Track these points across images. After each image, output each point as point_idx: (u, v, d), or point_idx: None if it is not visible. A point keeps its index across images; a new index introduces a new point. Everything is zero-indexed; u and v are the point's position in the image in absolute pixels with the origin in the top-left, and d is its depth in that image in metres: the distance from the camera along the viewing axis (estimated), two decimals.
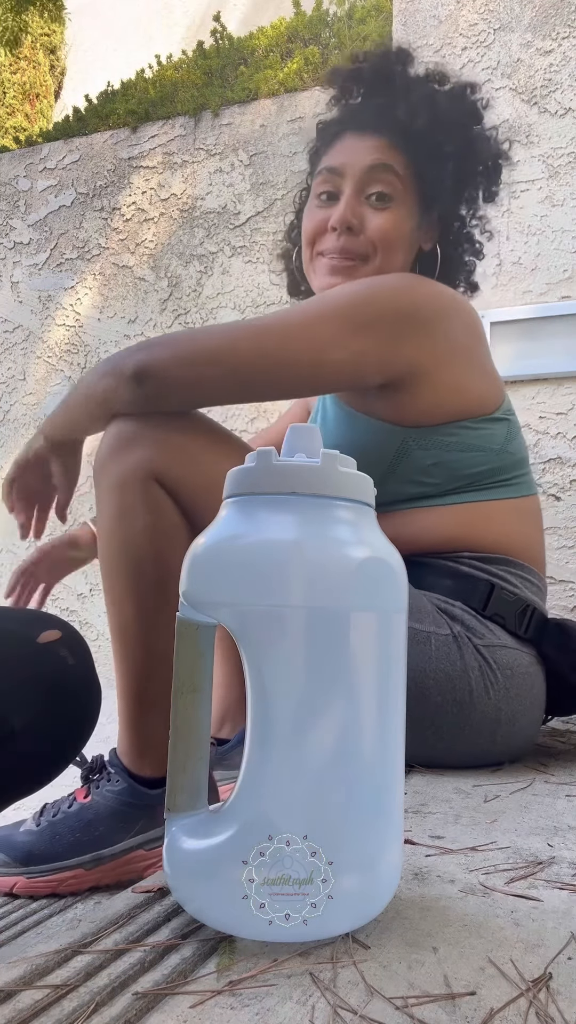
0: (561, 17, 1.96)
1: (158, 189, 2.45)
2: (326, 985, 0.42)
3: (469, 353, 1.05)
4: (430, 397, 1.04)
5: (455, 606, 1.04)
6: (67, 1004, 0.40)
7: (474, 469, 1.07)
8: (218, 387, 0.94)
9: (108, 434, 0.93)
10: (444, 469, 1.06)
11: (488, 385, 1.09)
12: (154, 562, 0.90)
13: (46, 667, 0.73)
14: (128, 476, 0.90)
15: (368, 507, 0.53)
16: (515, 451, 1.11)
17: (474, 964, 0.45)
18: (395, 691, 0.51)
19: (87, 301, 2.52)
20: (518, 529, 1.10)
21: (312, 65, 2.32)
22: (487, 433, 1.07)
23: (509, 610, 1.05)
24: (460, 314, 1.04)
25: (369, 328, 0.96)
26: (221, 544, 0.51)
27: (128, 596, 0.90)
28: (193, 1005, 0.41)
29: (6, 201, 2.68)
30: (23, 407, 2.60)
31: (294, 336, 0.95)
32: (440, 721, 0.99)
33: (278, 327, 0.95)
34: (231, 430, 2.32)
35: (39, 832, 0.92)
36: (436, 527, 1.07)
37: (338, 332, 0.95)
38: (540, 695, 1.06)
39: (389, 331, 0.97)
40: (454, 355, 1.03)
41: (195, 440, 0.94)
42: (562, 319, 1.88)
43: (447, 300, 1.03)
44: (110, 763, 0.94)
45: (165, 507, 0.91)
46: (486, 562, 1.07)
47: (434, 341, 1.00)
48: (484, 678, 1.00)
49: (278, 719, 0.48)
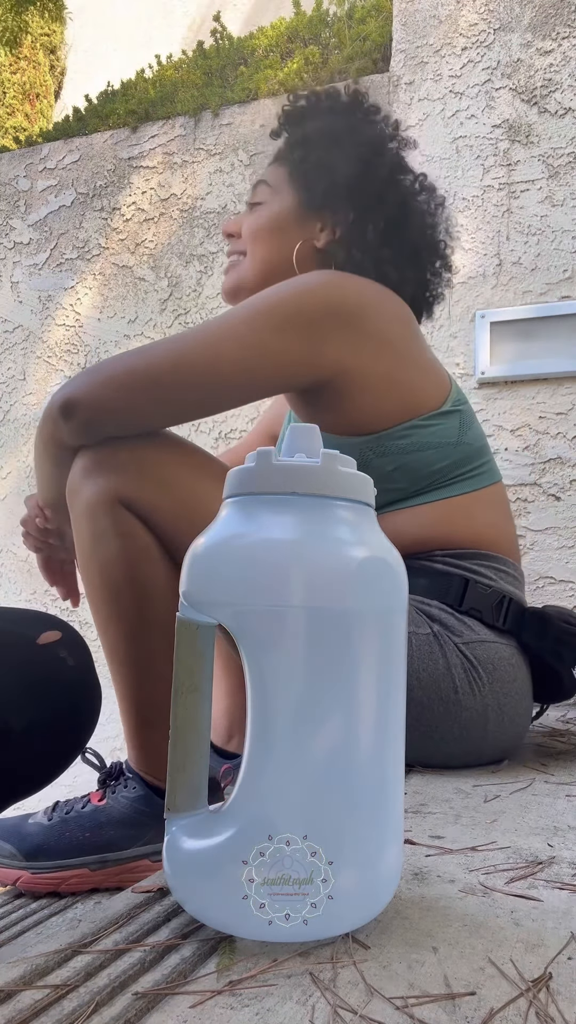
0: (561, 17, 1.96)
1: (158, 189, 2.45)
2: (326, 985, 0.42)
3: (399, 346, 1.03)
4: (369, 398, 1.02)
5: (432, 605, 1.04)
6: (67, 1004, 0.40)
7: (435, 466, 1.06)
8: (146, 405, 0.94)
9: (75, 465, 0.95)
10: (406, 472, 1.05)
11: (428, 379, 1.07)
12: (130, 586, 0.91)
13: (46, 668, 0.73)
14: (95, 503, 0.92)
15: (368, 507, 0.53)
16: (472, 441, 1.10)
17: (474, 964, 0.45)
18: (395, 691, 0.51)
19: (87, 301, 2.52)
20: (487, 520, 1.10)
21: (312, 65, 2.32)
22: (440, 428, 1.07)
23: (485, 603, 1.05)
24: (385, 307, 1.03)
25: (290, 325, 0.96)
26: (221, 544, 0.51)
27: (111, 620, 0.92)
28: (193, 1005, 0.41)
29: (6, 201, 2.68)
30: (23, 407, 2.60)
31: (214, 343, 0.94)
32: (428, 721, 0.99)
33: (197, 336, 0.95)
34: (231, 430, 2.33)
35: (49, 827, 0.92)
36: (407, 530, 1.06)
37: (259, 333, 0.95)
38: (525, 685, 1.06)
39: (311, 327, 0.96)
40: (382, 349, 1.01)
41: (159, 459, 0.95)
42: (562, 319, 1.88)
43: (371, 294, 1.02)
44: (128, 770, 0.94)
45: (135, 531, 0.92)
46: (459, 558, 1.07)
47: (359, 335, 0.99)
48: (468, 675, 1.00)
49: (278, 719, 0.48)
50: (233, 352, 0.94)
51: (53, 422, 0.94)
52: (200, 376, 0.94)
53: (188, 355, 0.93)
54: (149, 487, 0.92)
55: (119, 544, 0.91)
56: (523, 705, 1.06)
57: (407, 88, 2.11)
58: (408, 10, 2.13)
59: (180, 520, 0.91)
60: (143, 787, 0.92)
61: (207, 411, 0.99)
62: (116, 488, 0.92)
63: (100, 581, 0.92)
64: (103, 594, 0.92)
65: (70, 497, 0.95)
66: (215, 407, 0.99)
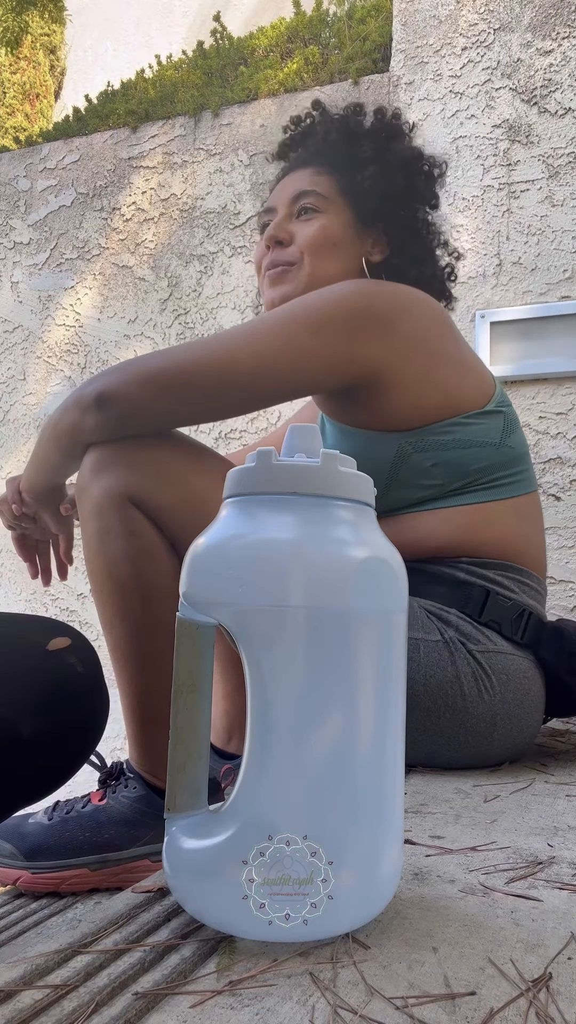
0: (561, 17, 1.96)
1: (158, 189, 2.45)
2: (326, 985, 0.42)
3: (434, 346, 1.04)
4: (406, 396, 1.03)
5: (450, 613, 1.04)
6: (67, 1004, 0.40)
7: (475, 465, 1.07)
8: (180, 404, 0.95)
9: (85, 461, 0.95)
10: (445, 468, 1.06)
11: (469, 378, 1.08)
12: (136, 583, 0.91)
13: (55, 675, 0.73)
14: (104, 500, 0.92)
15: (368, 507, 0.53)
16: (515, 445, 1.11)
17: (474, 964, 0.45)
18: (395, 691, 0.51)
19: (87, 301, 2.52)
20: (518, 531, 1.10)
21: (312, 65, 2.32)
22: (483, 428, 1.07)
23: (505, 616, 1.05)
24: (419, 308, 1.04)
25: (323, 329, 0.97)
26: (221, 544, 0.51)
27: (117, 618, 0.92)
28: (193, 1005, 0.41)
29: (6, 201, 2.68)
30: (23, 407, 2.60)
31: (248, 345, 0.95)
32: (433, 727, 0.99)
33: (233, 338, 0.96)
34: (231, 430, 2.33)
35: (49, 827, 0.92)
36: (437, 532, 1.07)
37: (293, 336, 0.96)
38: (538, 699, 1.06)
39: (344, 330, 0.98)
40: (416, 349, 1.02)
41: (170, 459, 0.95)
42: (562, 319, 1.88)
43: (403, 297, 1.03)
44: (129, 770, 0.94)
45: (142, 528, 0.92)
46: (484, 567, 1.07)
47: (392, 337, 1.01)
48: (478, 682, 1.00)
49: (278, 719, 0.48)
50: (266, 358, 0.95)
51: (82, 413, 0.93)
52: (235, 377, 0.95)
53: (225, 356, 0.94)
54: (158, 486, 0.93)
55: (126, 542, 0.91)
56: (534, 718, 1.06)
57: (407, 88, 2.11)
58: (408, 10, 2.13)
59: (188, 519, 0.91)
60: (144, 787, 0.92)
61: (237, 411, 1.00)
62: (125, 486, 0.92)
63: (106, 578, 0.92)
64: (109, 591, 0.92)
65: (79, 494, 0.95)
66: (246, 409, 1.00)
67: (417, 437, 1.05)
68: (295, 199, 1.17)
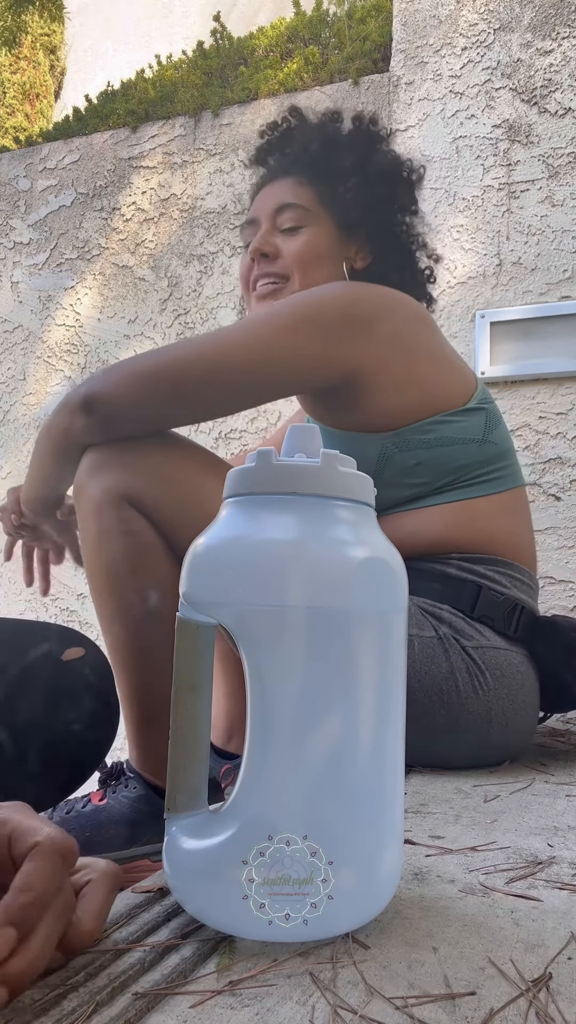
0: (561, 17, 1.96)
1: (158, 189, 2.45)
2: (326, 985, 0.42)
3: (413, 344, 1.05)
4: (388, 396, 1.04)
5: (443, 609, 1.04)
6: (67, 1004, 0.40)
7: (459, 462, 1.07)
8: (168, 404, 0.96)
9: (82, 462, 0.96)
10: (429, 467, 1.06)
11: (450, 375, 1.09)
12: (134, 583, 0.92)
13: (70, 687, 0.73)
14: (102, 500, 0.93)
15: (368, 507, 0.53)
16: (498, 441, 1.11)
17: (474, 964, 0.45)
18: (395, 691, 0.51)
19: (87, 301, 2.52)
20: (505, 526, 1.10)
21: (312, 65, 2.32)
22: (465, 425, 1.07)
23: (497, 611, 1.05)
24: (400, 309, 1.05)
25: (309, 329, 0.98)
26: (221, 544, 0.50)
27: (115, 618, 0.93)
28: (193, 1005, 0.41)
29: (6, 201, 2.68)
30: (23, 407, 2.60)
31: (236, 345, 0.97)
32: (428, 723, 0.99)
33: (221, 338, 0.98)
34: (231, 430, 2.33)
35: None
36: (425, 529, 1.07)
37: (279, 336, 0.98)
38: (533, 693, 1.06)
39: (325, 329, 0.99)
40: (395, 348, 1.03)
41: (166, 459, 0.96)
42: (562, 319, 1.88)
43: (385, 298, 1.04)
44: (129, 770, 0.94)
45: (140, 528, 0.93)
46: (474, 563, 1.07)
47: (373, 336, 1.01)
48: (472, 678, 1.00)
49: (278, 719, 0.48)
50: (248, 357, 0.96)
51: (71, 416, 0.94)
52: (222, 377, 0.96)
53: (212, 356, 0.96)
54: (155, 486, 0.93)
55: (124, 542, 0.92)
56: (529, 713, 1.06)
57: (407, 88, 2.11)
58: (408, 10, 2.13)
59: (184, 519, 0.92)
60: (144, 787, 0.92)
61: (225, 411, 1.01)
62: (123, 486, 0.92)
63: (105, 578, 0.93)
64: (108, 591, 0.93)
65: (76, 495, 0.96)
66: (230, 408, 1.02)
67: (400, 437, 1.05)
68: (278, 211, 1.17)
